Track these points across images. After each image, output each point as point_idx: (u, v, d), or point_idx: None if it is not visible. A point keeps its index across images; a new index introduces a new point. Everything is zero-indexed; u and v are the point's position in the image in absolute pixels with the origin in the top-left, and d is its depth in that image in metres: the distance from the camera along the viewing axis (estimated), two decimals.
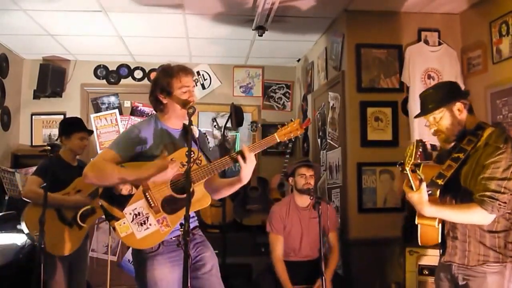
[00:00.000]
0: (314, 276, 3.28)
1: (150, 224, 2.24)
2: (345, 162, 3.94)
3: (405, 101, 3.91)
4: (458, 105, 2.16)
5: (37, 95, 5.24)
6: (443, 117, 2.17)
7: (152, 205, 2.25)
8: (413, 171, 2.05)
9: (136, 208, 2.24)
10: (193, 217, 2.52)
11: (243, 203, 4.68)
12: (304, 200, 3.48)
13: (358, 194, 3.83)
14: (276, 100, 5.68)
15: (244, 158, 2.21)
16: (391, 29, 3.96)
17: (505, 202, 1.98)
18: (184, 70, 2.32)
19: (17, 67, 5.19)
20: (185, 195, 2.10)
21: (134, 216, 2.23)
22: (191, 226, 2.41)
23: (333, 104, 4.27)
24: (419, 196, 2.03)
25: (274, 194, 4.77)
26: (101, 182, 2.26)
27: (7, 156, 4.95)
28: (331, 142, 4.33)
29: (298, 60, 5.50)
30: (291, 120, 2.33)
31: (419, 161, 2.11)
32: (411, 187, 2.05)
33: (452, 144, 2.20)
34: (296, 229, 3.46)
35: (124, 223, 2.23)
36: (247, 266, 4.38)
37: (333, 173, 4.25)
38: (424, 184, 2.03)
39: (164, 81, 2.29)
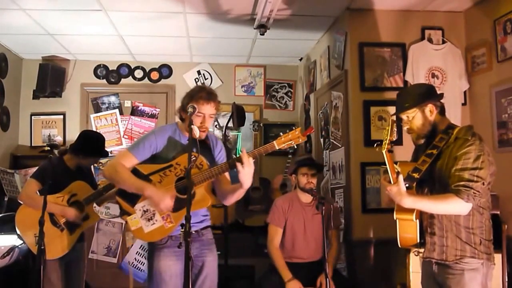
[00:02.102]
0: (317, 278, 3.27)
1: (156, 220, 2.48)
2: (348, 162, 3.90)
3: None
4: (429, 106, 2.31)
5: (36, 95, 5.20)
6: (415, 117, 2.33)
7: None
8: (389, 150, 2.27)
9: (144, 205, 2.49)
10: (205, 215, 2.68)
11: (245, 203, 4.64)
12: (307, 197, 3.45)
13: (362, 194, 3.78)
14: (278, 99, 5.64)
15: (242, 163, 2.31)
16: (394, 28, 3.92)
17: (479, 191, 2.10)
18: (205, 98, 2.49)
19: (16, 67, 5.16)
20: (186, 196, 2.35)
21: (143, 212, 2.49)
22: (203, 225, 2.65)
23: (336, 103, 4.23)
24: (398, 188, 2.17)
25: (276, 195, 4.72)
26: (113, 183, 2.64)
27: (6, 157, 4.91)
28: (334, 142, 4.29)
29: (301, 59, 5.46)
30: (293, 128, 2.41)
31: (394, 138, 2.28)
32: (389, 182, 2.23)
33: (422, 141, 2.36)
34: (299, 224, 3.43)
35: (134, 218, 2.50)
36: (249, 268, 4.35)
37: (336, 173, 4.21)
38: (401, 176, 2.18)
39: (185, 100, 2.54)
